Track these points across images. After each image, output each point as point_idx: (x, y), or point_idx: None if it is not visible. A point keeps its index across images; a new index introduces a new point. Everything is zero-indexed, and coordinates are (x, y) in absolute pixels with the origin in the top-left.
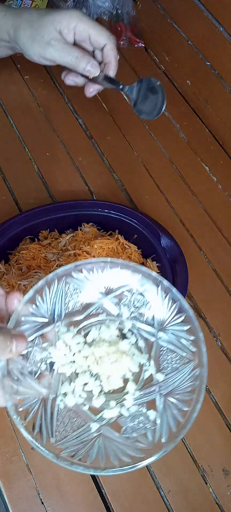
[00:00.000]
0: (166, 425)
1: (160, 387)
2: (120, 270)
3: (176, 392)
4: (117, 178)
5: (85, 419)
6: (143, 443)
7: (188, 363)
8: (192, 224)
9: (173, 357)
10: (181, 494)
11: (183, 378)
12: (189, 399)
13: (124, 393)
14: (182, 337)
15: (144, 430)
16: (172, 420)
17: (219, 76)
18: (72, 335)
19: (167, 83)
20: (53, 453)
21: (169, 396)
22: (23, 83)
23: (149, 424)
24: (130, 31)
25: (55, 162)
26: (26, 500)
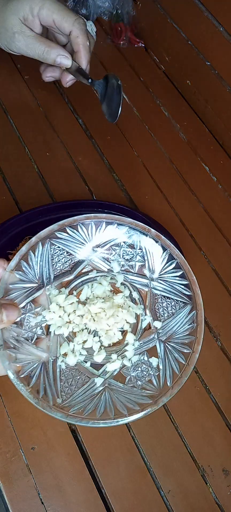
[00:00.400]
0: (169, 369)
1: (158, 334)
2: (106, 225)
3: (175, 337)
4: (117, 178)
5: (89, 375)
6: (149, 390)
7: (184, 307)
8: (192, 224)
9: (168, 304)
10: (181, 494)
11: (181, 322)
12: (189, 341)
13: (124, 345)
14: (175, 283)
15: (148, 377)
16: (175, 363)
17: (219, 76)
18: (65, 296)
19: (167, 83)
20: (61, 413)
21: (168, 341)
22: (23, 83)
23: (152, 371)
24: (130, 31)
25: (55, 162)
26: (26, 500)
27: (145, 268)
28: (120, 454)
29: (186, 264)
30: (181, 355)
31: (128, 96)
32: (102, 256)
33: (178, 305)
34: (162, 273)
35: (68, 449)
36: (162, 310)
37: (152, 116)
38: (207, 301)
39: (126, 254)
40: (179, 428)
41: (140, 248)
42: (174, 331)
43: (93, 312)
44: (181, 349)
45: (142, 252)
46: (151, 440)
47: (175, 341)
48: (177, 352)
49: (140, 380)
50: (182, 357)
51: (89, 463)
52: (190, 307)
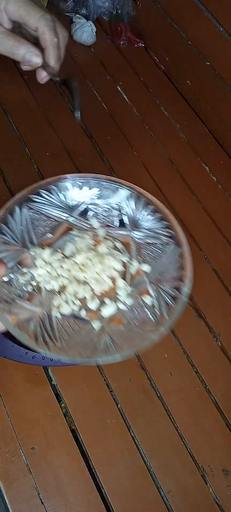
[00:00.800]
0: (163, 304)
1: (148, 276)
2: (82, 185)
3: (165, 275)
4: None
5: (86, 322)
6: (147, 327)
7: (167, 245)
8: (192, 224)
9: (152, 248)
10: (181, 494)
11: (167, 260)
12: (179, 276)
13: (116, 290)
14: (155, 227)
15: (145, 316)
16: (168, 297)
17: (219, 76)
18: (50, 251)
19: (167, 83)
20: (62, 354)
21: (159, 280)
22: (23, 83)
23: (148, 309)
24: (130, 31)
25: (55, 162)
26: (26, 500)
27: (124, 219)
28: (120, 454)
29: (164, 208)
30: (173, 290)
31: (128, 96)
32: (81, 215)
33: (163, 246)
34: (142, 221)
35: (68, 449)
36: (148, 255)
37: (152, 116)
38: (207, 301)
39: (104, 210)
40: (179, 428)
41: (116, 203)
42: (163, 270)
43: (80, 263)
44: (173, 284)
45: (119, 206)
46: (151, 440)
47: (165, 278)
48: (169, 287)
49: (137, 320)
50: (174, 290)
51: (89, 463)
52: (173, 245)
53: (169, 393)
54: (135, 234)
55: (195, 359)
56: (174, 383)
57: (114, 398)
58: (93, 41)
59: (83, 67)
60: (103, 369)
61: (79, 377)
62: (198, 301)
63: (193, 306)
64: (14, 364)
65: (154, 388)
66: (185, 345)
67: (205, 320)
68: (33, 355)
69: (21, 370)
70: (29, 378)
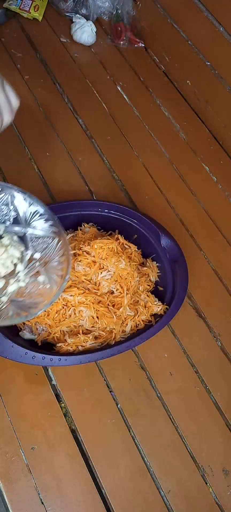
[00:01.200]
0: (53, 280)
1: (39, 261)
2: None
3: (52, 259)
4: (117, 178)
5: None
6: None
7: (53, 239)
8: (192, 224)
9: (42, 241)
10: (181, 494)
11: (53, 249)
12: (63, 260)
13: (17, 272)
14: (43, 225)
15: (39, 289)
16: (56, 275)
17: (219, 76)
18: None
19: (167, 83)
20: None
21: (47, 263)
22: (23, 83)
23: (41, 285)
24: (130, 31)
25: (55, 162)
26: (26, 500)
27: (19, 218)
28: (120, 454)
29: (48, 210)
30: (60, 269)
31: (128, 96)
32: None
33: (49, 239)
34: (32, 220)
35: (68, 449)
36: (39, 246)
37: (152, 116)
38: (207, 301)
39: (1, 210)
40: (179, 428)
41: (12, 204)
42: (50, 256)
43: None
44: (59, 265)
45: (14, 207)
46: (151, 440)
47: (53, 263)
48: (55, 268)
49: (34, 294)
50: (60, 268)
51: (89, 463)
52: (57, 239)
53: (169, 393)
54: (28, 229)
55: (195, 359)
56: (174, 383)
57: (114, 398)
58: (93, 41)
59: (83, 67)
60: (103, 369)
61: (79, 377)
62: (198, 301)
63: (193, 306)
64: (14, 364)
65: (154, 388)
66: (185, 345)
67: (205, 320)
68: (33, 355)
69: (21, 370)
70: (29, 378)
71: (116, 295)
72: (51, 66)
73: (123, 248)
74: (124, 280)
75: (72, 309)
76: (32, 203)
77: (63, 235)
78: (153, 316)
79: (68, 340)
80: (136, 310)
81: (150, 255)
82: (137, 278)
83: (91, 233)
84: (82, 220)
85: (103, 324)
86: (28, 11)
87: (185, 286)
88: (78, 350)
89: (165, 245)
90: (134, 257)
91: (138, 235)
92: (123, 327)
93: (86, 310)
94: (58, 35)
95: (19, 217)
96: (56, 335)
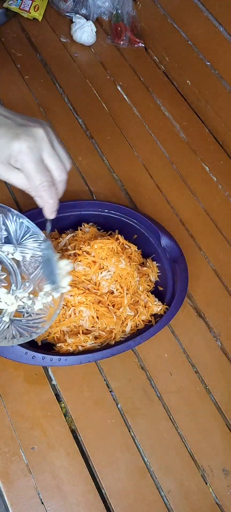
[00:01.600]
0: (50, 298)
1: (34, 280)
2: None
3: (45, 278)
4: (117, 178)
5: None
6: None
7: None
8: (192, 224)
9: (34, 258)
10: (181, 494)
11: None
12: None
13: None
14: (34, 245)
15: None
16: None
17: (219, 76)
18: None
19: (167, 83)
20: None
21: (41, 282)
22: (23, 83)
23: (39, 304)
24: (130, 31)
25: None
26: (26, 500)
27: (10, 238)
28: (120, 454)
29: (39, 230)
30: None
31: (128, 96)
32: None
33: (40, 257)
34: (23, 239)
35: (68, 449)
36: (31, 265)
37: (152, 116)
38: (207, 301)
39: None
40: (179, 428)
41: (3, 224)
42: (43, 276)
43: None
44: (53, 287)
45: (5, 227)
46: (151, 440)
47: (46, 281)
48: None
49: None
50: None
51: (89, 463)
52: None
53: (169, 393)
54: (19, 249)
55: (195, 359)
56: (174, 383)
57: (114, 398)
58: (93, 41)
59: (83, 67)
60: (103, 369)
61: (79, 377)
62: (198, 301)
63: (193, 306)
64: (14, 364)
65: (154, 388)
66: (185, 345)
67: (205, 320)
68: (33, 355)
69: (21, 370)
70: (29, 378)
71: (116, 295)
72: (51, 66)
73: (123, 248)
74: (124, 280)
75: (72, 309)
76: (22, 223)
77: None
78: (153, 316)
79: (68, 340)
80: (136, 310)
81: (150, 255)
82: (137, 278)
83: (91, 233)
84: (82, 220)
85: (103, 324)
86: (28, 11)
87: (185, 286)
88: (78, 350)
89: (165, 245)
90: (134, 257)
91: (138, 235)
92: (123, 327)
93: (86, 310)
94: (58, 35)
95: (10, 237)
96: (56, 335)
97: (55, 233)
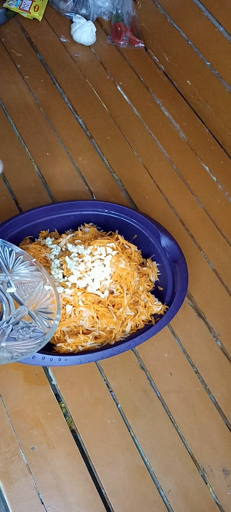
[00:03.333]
0: (41, 323)
1: (26, 306)
2: None
3: (39, 302)
4: (117, 178)
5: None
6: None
7: (38, 282)
8: (192, 224)
9: (28, 285)
10: (181, 494)
11: (40, 291)
12: (50, 301)
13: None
14: (26, 271)
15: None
16: (44, 319)
17: (219, 76)
18: None
19: (167, 83)
20: None
21: (35, 307)
22: (23, 83)
23: (32, 329)
24: (130, 31)
25: (55, 162)
26: (26, 500)
27: (1, 266)
28: (120, 454)
29: (28, 255)
30: (48, 309)
31: (128, 96)
32: None
33: (35, 283)
34: (14, 267)
35: (68, 449)
36: (24, 290)
37: (152, 116)
38: (207, 301)
39: None
40: (179, 428)
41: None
42: (37, 299)
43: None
44: (46, 309)
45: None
46: (151, 440)
47: (41, 306)
48: (43, 311)
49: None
50: (49, 309)
51: (89, 463)
52: (42, 282)
53: (169, 393)
54: (11, 276)
55: (195, 359)
56: (174, 383)
57: (114, 398)
58: (93, 41)
59: (83, 67)
60: (103, 369)
61: (79, 377)
62: (198, 301)
63: (193, 306)
64: (14, 364)
65: (154, 388)
66: (185, 345)
67: (205, 320)
68: (33, 355)
69: (21, 370)
70: (29, 378)
71: (116, 295)
72: (51, 66)
73: (123, 248)
74: (124, 280)
75: (72, 309)
76: (12, 250)
77: (45, 278)
78: (153, 316)
79: (68, 340)
80: (136, 310)
81: (150, 255)
82: (137, 278)
83: (91, 233)
84: (82, 220)
85: (103, 324)
86: (28, 11)
87: (185, 286)
88: (78, 350)
89: (165, 245)
90: (134, 257)
91: (138, 235)
92: (123, 327)
93: (86, 310)
94: (58, 35)
95: (1, 265)
96: (56, 335)
97: (55, 233)
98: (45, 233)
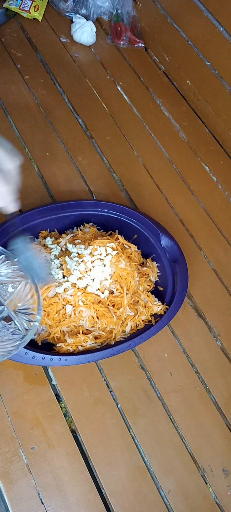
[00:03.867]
0: (23, 322)
1: (7, 308)
2: None
3: (19, 303)
4: (117, 178)
5: None
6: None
7: (20, 282)
8: (192, 224)
9: (12, 285)
10: (181, 494)
11: (21, 291)
12: (32, 301)
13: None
14: (7, 270)
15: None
16: (24, 320)
17: (219, 76)
18: None
19: (167, 83)
20: None
21: (15, 307)
22: (23, 83)
23: (12, 330)
24: (130, 31)
25: (55, 162)
26: (26, 500)
27: None
28: (120, 454)
29: (11, 254)
30: (29, 310)
31: (128, 96)
32: None
33: (17, 284)
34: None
35: (68, 449)
36: (8, 291)
37: (152, 116)
38: (207, 301)
39: None
40: (179, 428)
41: None
42: (18, 300)
43: None
44: (27, 310)
45: None
46: (151, 440)
47: (22, 306)
48: (26, 310)
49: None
50: (30, 310)
51: (89, 463)
52: (24, 282)
53: (169, 393)
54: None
55: (195, 359)
56: (174, 383)
57: (114, 398)
58: (93, 41)
59: (83, 67)
60: (103, 369)
61: (79, 377)
62: (198, 301)
63: (193, 306)
64: (14, 364)
65: (154, 388)
66: (185, 345)
67: (205, 320)
68: (33, 355)
69: (21, 370)
70: (29, 378)
71: (116, 295)
72: (51, 66)
73: (123, 248)
74: (124, 280)
75: (72, 309)
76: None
77: (27, 277)
78: (153, 316)
79: (68, 340)
80: (136, 310)
81: (150, 255)
82: (137, 278)
83: (91, 233)
84: (82, 220)
85: (103, 324)
86: (28, 11)
87: (185, 286)
88: (78, 350)
89: (165, 245)
90: (134, 257)
91: (138, 235)
92: (123, 327)
93: (86, 310)
94: (58, 35)
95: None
96: (56, 335)
97: (55, 233)
98: (45, 233)
